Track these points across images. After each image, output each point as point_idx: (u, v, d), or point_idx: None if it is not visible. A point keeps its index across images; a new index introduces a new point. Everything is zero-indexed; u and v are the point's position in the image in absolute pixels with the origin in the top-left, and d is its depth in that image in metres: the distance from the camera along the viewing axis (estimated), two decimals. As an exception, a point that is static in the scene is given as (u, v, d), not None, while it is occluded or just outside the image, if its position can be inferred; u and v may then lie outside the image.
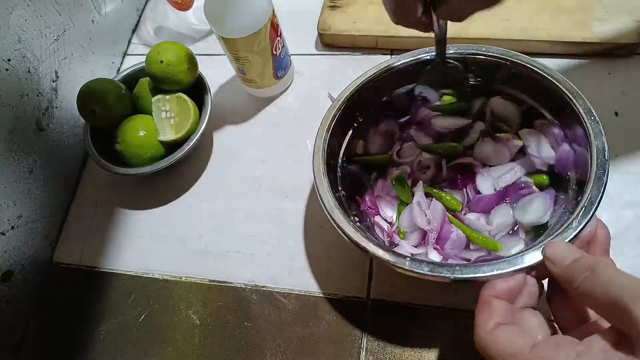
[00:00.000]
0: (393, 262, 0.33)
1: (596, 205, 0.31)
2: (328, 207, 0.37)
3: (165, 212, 0.53)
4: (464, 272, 0.31)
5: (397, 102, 0.46)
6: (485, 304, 0.29)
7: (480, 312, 0.29)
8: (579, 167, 0.37)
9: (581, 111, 0.36)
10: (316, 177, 0.39)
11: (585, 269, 0.26)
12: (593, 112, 0.35)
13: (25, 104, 0.48)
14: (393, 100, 0.46)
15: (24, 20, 0.48)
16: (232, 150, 0.55)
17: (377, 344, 0.42)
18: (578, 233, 0.31)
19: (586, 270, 0.26)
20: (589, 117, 0.35)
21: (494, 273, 0.30)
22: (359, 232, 0.35)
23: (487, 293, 0.30)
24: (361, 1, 0.57)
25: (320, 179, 0.39)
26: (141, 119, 0.51)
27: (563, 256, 0.28)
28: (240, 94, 0.58)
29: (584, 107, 0.36)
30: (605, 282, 0.24)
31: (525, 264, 0.30)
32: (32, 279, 0.50)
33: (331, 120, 0.42)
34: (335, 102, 0.42)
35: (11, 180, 0.47)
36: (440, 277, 0.32)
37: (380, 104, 0.45)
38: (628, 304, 0.22)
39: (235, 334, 0.45)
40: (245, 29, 0.46)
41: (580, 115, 0.36)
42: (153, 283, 0.49)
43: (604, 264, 0.25)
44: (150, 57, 0.50)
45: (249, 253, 0.49)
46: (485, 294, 0.30)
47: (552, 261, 0.28)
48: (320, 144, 0.41)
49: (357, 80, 0.43)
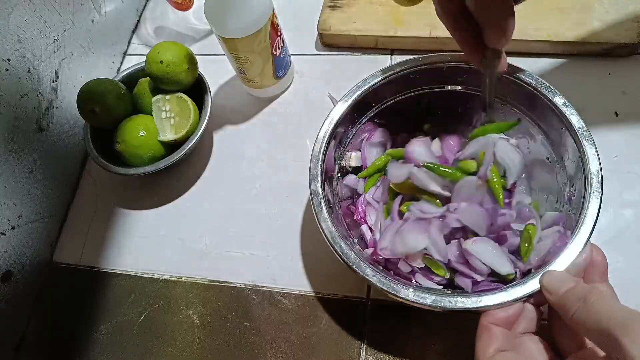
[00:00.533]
0: (394, 293, 0.33)
1: (589, 235, 0.32)
2: (330, 238, 0.36)
3: (165, 212, 0.53)
4: (465, 304, 0.32)
5: (394, 109, 0.45)
6: (484, 331, 0.30)
7: (480, 338, 0.30)
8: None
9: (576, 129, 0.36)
10: (316, 208, 0.38)
11: (579, 299, 0.26)
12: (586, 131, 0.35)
13: (25, 104, 0.48)
14: (389, 108, 0.45)
15: (24, 20, 0.48)
16: (232, 150, 0.55)
17: (377, 344, 0.42)
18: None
19: (579, 300, 0.26)
20: (583, 135, 0.35)
21: (494, 303, 0.31)
22: (361, 260, 0.35)
23: (486, 320, 0.31)
24: (361, 1, 0.57)
25: (319, 207, 0.38)
26: (141, 119, 0.51)
27: (558, 285, 0.29)
28: (240, 94, 0.58)
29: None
30: (596, 313, 0.25)
31: (523, 294, 0.31)
32: (32, 279, 0.50)
33: (328, 140, 0.40)
34: (328, 121, 0.41)
35: (11, 180, 0.47)
36: (439, 307, 0.32)
37: (375, 113, 0.45)
38: (618, 336, 0.23)
39: (235, 334, 0.45)
40: (245, 29, 0.46)
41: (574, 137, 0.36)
42: (153, 283, 0.49)
43: (597, 293, 0.26)
44: (150, 57, 0.50)
45: (249, 253, 0.49)
46: (484, 321, 0.31)
47: (548, 290, 0.29)
48: (317, 166, 0.39)
49: (349, 96, 0.42)
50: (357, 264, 0.35)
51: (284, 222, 0.49)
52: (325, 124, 0.41)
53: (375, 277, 0.34)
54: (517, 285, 0.31)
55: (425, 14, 0.54)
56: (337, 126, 0.41)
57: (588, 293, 0.26)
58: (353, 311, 0.44)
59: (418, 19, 0.54)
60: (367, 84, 0.42)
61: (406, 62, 0.42)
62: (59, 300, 0.51)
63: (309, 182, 0.39)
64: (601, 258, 0.32)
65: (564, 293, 0.28)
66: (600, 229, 0.42)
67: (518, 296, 0.31)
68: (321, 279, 0.46)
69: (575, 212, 0.34)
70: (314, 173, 0.39)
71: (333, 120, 0.41)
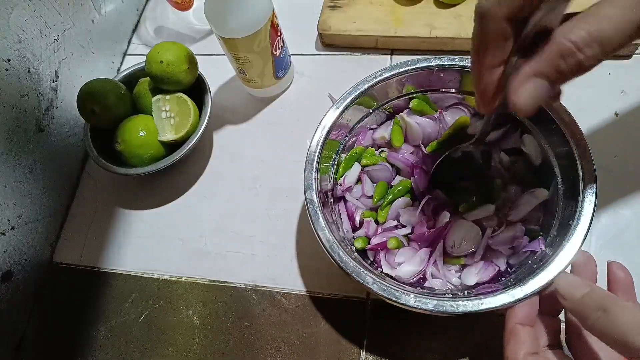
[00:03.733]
0: (394, 299, 0.33)
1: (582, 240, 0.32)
2: (328, 247, 0.36)
3: (165, 212, 0.53)
4: (467, 307, 0.32)
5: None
6: (512, 335, 0.30)
7: (508, 342, 0.30)
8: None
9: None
10: (312, 217, 0.37)
11: (598, 307, 0.26)
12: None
13: (25, 104, 0.48)
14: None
15: (24, 20, 0.48)
16: (232, 150, 0.55)
17: (377, 344, 0.42)
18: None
19: (598, 308, 0.26)
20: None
21: (495, 305, 0.31)
22: (360, 268, 0.35)
23: (512, 321, 0.31)
24: (361, 1, 0.57)
25: (316, 216, 0.38)
26: (141, 119, 0.51)
27: (573, 290, 0.28)
28: (240, 94, 0.58)
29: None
30: (622, 326, 0.24)
31: (524, 294, 0.31)
32: (32, 279, 0.50)
33: (321, 147, 0.40)
34: (321, 128, 0.41)
35: (11, 180, 0.47)
36: (440, 312, 0.32)
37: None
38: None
39: (235, 334, 0.45)
40: (245, 29, 0.46)
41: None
42: (153, 283, 0.49)
43: (616, 302, 0.25)
44: (150, 57, 0.50)
45: (249, 253, 0.49)
46: (510, 324, 0.31)
47: (562, 296, 0.29)
48: (312, 175, 0.39)
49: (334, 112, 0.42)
50: (356, 272, 0.34)
51: (283, 222, 0.49)
52: (317, 131, 0.41)
53: (376, 285, 0.34)
54: (518, 286, 0.31)
55: (425, 14, 0.54)
56: (330, 133, 0.41)
57: (606, 301, 0.26)
58: (353, 311, 0.44)
59: (418, 19, 0.54)
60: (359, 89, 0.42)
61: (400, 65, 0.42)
62: (59, 300, 0.51)
63: (304, 190, 0.38)
64: (624, 274, 0.31)
65: (579, 298, 0.27)
66: (600, 229, 0.43)
67: (519, 297, 0.31)
68: (321, 279, 0.46)
69: (571, 210, 0.34)
70: (308, 182, 0.39)
71: (325, 127, 0.41)
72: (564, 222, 0.35)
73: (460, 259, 0.39)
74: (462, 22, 0.53)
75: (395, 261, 0.39)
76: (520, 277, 0.34)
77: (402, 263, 0.39)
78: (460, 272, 0.39)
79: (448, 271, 0.39)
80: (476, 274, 0.38)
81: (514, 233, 0.38)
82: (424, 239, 0.40)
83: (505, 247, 0.38)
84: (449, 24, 0.53)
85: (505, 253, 0.39)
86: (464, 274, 0.39)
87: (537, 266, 0.33)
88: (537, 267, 0.33)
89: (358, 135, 0.45)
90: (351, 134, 0.44)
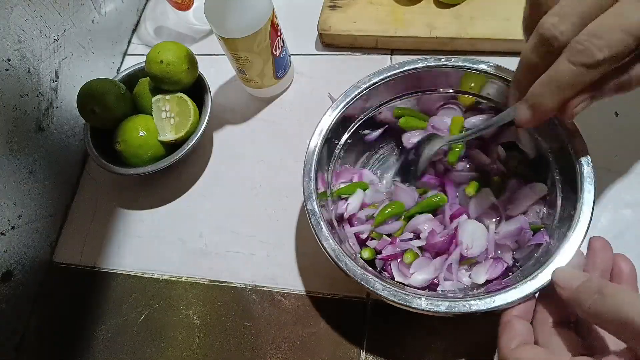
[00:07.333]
0: (406, 304, 0.33)
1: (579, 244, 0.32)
2: (334, 256, 0.36)
3: (165, 212, 0.53)
4: (480, 306, 0.31)
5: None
6: (505, 326, 0.31)
7: (502, 333, 0.31)
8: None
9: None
10: (315, 227, 0.37)
11: (594, 292, 0.26)
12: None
13: (25, 104, 0.48)
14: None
15: (24, 20, 0.48)
16: (232, 150, 0.55)
17: (377, 344, 0.42)
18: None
19: (595, 292, 0.26)
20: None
21: (507, 302, 0.31)
22: (368, 274, 0.35)
23: (508, 314, 0.31)
24: (361, 1, 0.57)
25: (318, 227, 0.37)
26: (141, 119, 0.51)
27: (571, 280, 0.28)
28: (240, 94, 0.58)
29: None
30: (615, 304, 0.24)
31: (534, 288, 0.31)
32: (32, 279, 0.50)
33: (318, 153, 0.40)
34: (318, 132, 0.41)
35: (11, 180, 0.47)
36: (453, 313, 0.32)
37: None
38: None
39: (235, 334, 0.45)
40: (245, 29, 0.46)
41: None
42: (153, 283, 0.49)
43: (614, 286, 0.26)
44: (150, 57, 0.50)
45: (249, 253, 0.49)
46: (506, 316, 0.31)
47: (559, 285, 0.29)
48: (311, 185, 0.38)
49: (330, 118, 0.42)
50: (365, 280, 0.34)
51: (284, 222, 0.49)
52: (314, 136, 0.41)
53: (386, 291, 0.33)
54: (528, 281, 0.31)
55: (425, 14, 0.54)
56: (326, 138, 0.41)
57: (604, 287, 0.26)
58: (353, 311, 0.44)
59: (418, 19, 0.54)
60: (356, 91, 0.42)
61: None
62: (59, 300, 0.51)
63: (304, 201, 0.38)
64: (629, 267, 0.31)
65: (577, 287, 0.27)
66: (600, 229, 0.42)
67: (530, 291, 0.31)
68: (321, 279, 0.46)
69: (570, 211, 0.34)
70: (308, 192, 0.38)
71: (322, 132, 0.41)
72: (565, 214, 0.35)
73: (472, 259, 0.39)
74: (462, 22, 0.52)
75: (410, 271, 0.39)
76: (527, 271, 0.34)
77: (416, 272, 0.39)
78: (470, 271, 0.39)
79: (459, 272, 0.39)
80: (485, 271, 0.38)
81: (519, 225, 0.38)
82: (437, 247, 0.40)
83: (511, 240, 0.38)
84: (449, 24, 0.53)
85: (512, 247, 0.39)
86: (473, 272, 0.39)
87: (544, 259, 0.33)
88: (544, 260, 0.33)
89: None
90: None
